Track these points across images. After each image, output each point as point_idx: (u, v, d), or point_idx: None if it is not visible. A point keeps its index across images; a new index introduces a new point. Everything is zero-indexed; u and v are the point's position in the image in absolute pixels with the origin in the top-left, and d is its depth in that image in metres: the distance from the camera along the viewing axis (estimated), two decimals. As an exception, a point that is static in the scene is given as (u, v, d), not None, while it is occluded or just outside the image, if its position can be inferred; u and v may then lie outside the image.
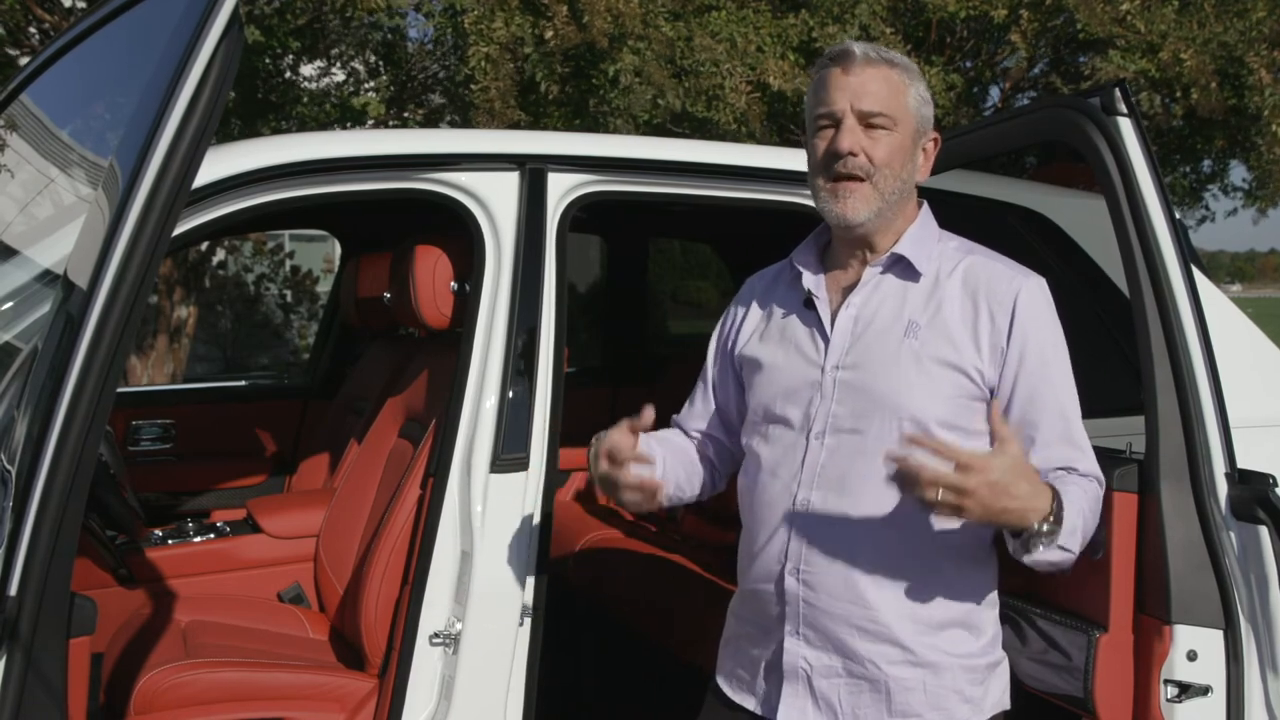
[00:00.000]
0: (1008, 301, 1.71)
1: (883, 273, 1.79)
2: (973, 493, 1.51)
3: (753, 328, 1.91)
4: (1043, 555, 1.62)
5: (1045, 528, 1.60)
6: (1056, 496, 1.62)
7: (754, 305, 1.94)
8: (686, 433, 2.03)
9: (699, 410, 2.02)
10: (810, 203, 1.83)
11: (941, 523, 1.67)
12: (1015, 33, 6.03)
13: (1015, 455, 1.56)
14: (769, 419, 1.82)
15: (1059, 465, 1.72)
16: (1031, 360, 1.71)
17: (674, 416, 2.06)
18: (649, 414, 1.72)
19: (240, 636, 2.80)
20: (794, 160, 2.67)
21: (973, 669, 1.74)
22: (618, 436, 1.72)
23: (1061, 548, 1.63)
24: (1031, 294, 1.73)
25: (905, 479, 1.54)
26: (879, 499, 1.70)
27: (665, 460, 1.91)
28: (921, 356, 1.71)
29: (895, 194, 1.75)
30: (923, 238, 1.79)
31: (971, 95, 7.05)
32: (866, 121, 1.72)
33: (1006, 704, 1.82)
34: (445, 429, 2.42)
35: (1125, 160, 2.03)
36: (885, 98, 1.72)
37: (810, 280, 1.83)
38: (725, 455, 2.00)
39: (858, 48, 1.74)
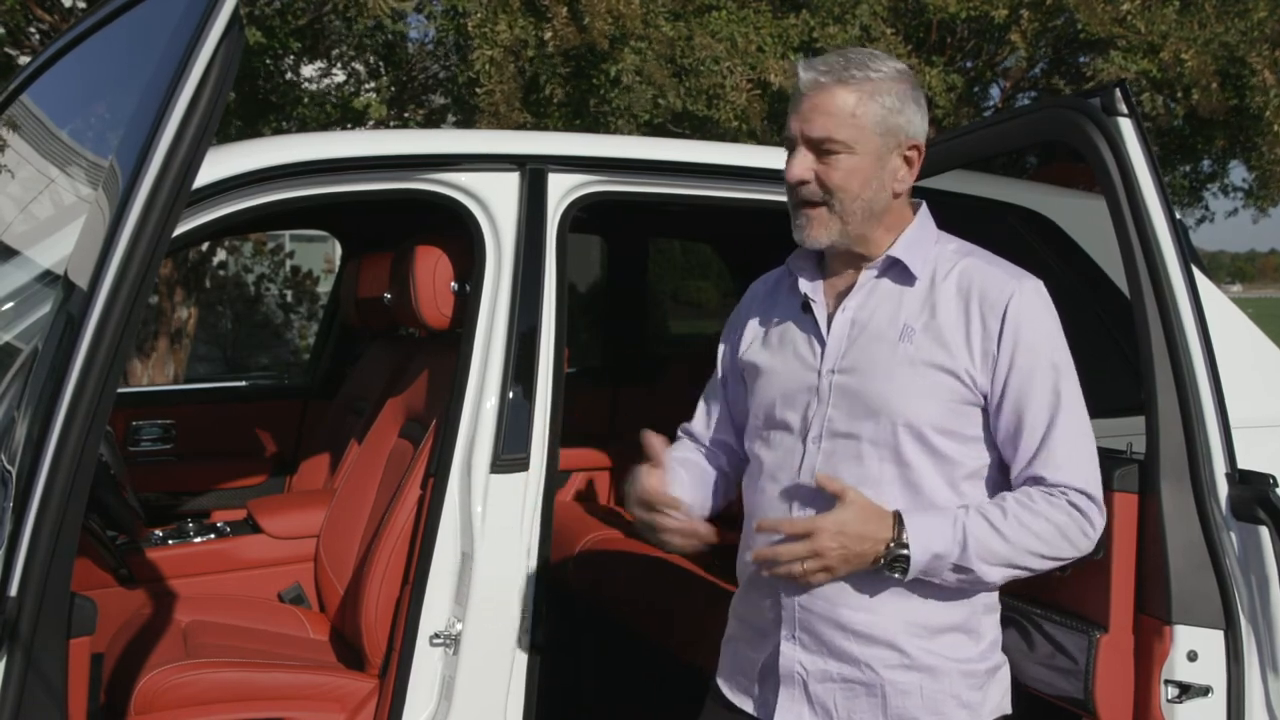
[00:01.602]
0: (999, 305, 1.69)
1: (878, 276, 1.78)
2: (827, 552, 1.60)
3: (754, 333, 1.91)
4: (926, 578, 1.65)
5: (887, 552, 1.62)
6: (899, 523, 1.63)
7: (755, 310, 1.93)
8: (697, 441, 2.02)
9: (709, 418, 2.01)
10: None
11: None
12: (1016, 33, 6.04)
13: (855, 501, 1.62)
14: (769, 424, 1.82)
15: (1027, 476, 1.71)
16: (1021, 365, 1.68)
17: (682, 425, 2.05)
18: (655, 443, 1.76)
19: (240, 637, 2.80)
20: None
21: (971, 674, 1.73)
22: (648, 481, 1.73)
23: (958, 567, 1.64)
24: (1025, 298, 1.70)
25: (766, 566, 1.65)
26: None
27: (685, 485, 1.90)
28: (916, 360, 1.70)
29: (860, 214, 1.71)
30: (919, 240, 1.78)
31: (972, 95, 7.06)
32: (818, 148, 1.69)
33: (1007, 708, 1.80)
34: (445, 429, 2.42)
35: (1125, 160, 2.03)
36: (834, 124, 1.67)
37: (807, 285, 1.82)
38: (737, 462, 1.98)
39: (806, 71, 1.70)
